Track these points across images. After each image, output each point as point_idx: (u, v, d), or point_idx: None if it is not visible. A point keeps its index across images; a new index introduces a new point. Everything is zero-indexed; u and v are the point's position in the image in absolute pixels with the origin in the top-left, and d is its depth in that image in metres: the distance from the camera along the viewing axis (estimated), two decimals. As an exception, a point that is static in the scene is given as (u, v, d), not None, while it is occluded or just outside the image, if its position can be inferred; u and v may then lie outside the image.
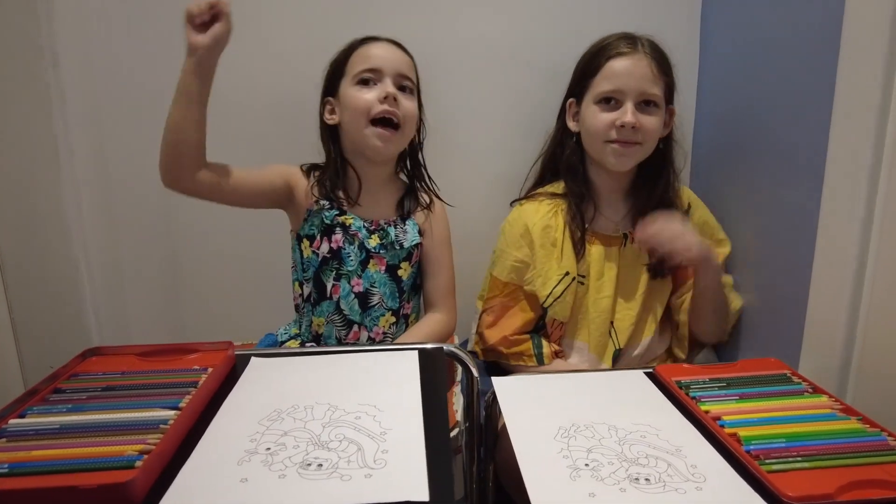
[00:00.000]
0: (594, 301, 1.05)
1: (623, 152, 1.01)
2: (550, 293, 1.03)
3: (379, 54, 0.98)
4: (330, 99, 1.02)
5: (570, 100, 1.07)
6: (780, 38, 0.96)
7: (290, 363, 0.81)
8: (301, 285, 1.04)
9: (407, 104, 0.98)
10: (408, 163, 1.09)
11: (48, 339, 0.96)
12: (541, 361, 1.01)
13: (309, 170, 1.04)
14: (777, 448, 0.61)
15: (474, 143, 1.28)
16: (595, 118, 1.01)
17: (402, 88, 0.98)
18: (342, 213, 1.00)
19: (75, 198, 0.93)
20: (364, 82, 0.97)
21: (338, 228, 1.00)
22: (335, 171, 1.02)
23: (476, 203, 1.28)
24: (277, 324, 1.10)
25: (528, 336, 1.05)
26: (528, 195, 1.12)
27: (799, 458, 0.59)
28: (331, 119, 1.01)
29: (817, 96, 0.84)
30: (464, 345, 1.21)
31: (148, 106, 1.20)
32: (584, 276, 1.05)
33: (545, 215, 1.05)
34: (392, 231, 1.01)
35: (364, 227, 1.00)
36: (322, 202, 1.00)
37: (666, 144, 1.07)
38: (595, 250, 1.05)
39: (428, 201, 1.07)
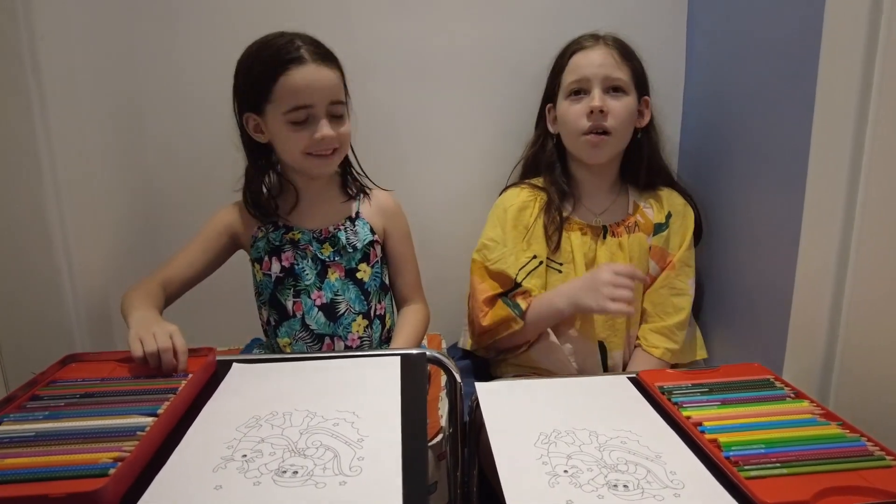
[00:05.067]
0: None
1: (596, 143, 1.04)
2: (521, 270, 1.05)
3: (309, 87, 0.89)
4: (253, 115, 0.94)
5: (549, 104, 1.11)
6: (763, 40, 0.97)
7: (271, 369, 0.81)
8: (262, 309, 1.03)
9: (342, 130, 0.93)
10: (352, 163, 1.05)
11: (31, 346, 0.95)
12: (520, 313, 1.02)
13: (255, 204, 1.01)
14: (756, 454, 0.61)
15: (457, 147, 1.28)
16: (567, 112, 1.05)
17: (334, 115, 0.92)
18: (288, 230, 0.99)
19: (57, 203, 0.93)
20: (296, 121, 0.91)
21: (287, 246, 0.98)
22: (269, 184, 1.01)
23: (458, 206, 1.29)
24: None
25: (500, 302, 1.05)
26: (512, 184, 1.15)
27: (777, 465, 0.59)
28: (258, 137, 0.96)
29: (799, 99, 0.84)
30: (451, 349, 1.21)
31: (130, 111, 1.21)
32: (561, 264, 1.06)
33: (525, 199, 1.09)
34: (342, 235, 0.99)
35: (314, 238, 0.99)
36: (265, 227, 0.99)
37: (645, 134, 1.09)
38: (575, 237, 1.07)
39: (368, 190, 1.05)
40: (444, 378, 1.01)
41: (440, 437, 0.90)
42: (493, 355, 1.14)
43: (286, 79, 0.89)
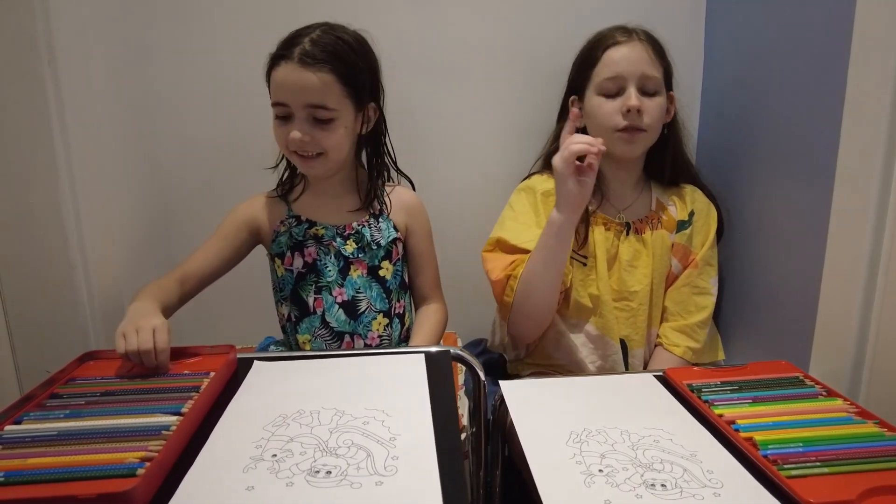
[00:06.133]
0: (605, 283, 1.05)
1: (630, 139, 1.03)
2: None
3: (284, 85, 0.90)
4: None
5: (572, 97, 1.09)
6: (788, 33, 0.95)
7: (293, 367, 0.80)
8: (281, 305, 1.02)
9: (322, 136, 0.91)
10: (374, 160, 1.03)
11: (45, 343, 0.93)
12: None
13: (284, 193, 1.02)
14: (795, 453, 0.60)
15: (473, 143, 1.27)
16: (601, 108, 1.03)
17: (317, 118, 0.91)
18: (312, 225, 0.98)
19: (72, 199, 0.91)
20: (278, 116, 0.92)
21: (310, 241, 0.98)
22: (290, 175, 1.02)
23: (475, 203, 1.28)
24: (277, 328, 1.08)
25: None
26: (536, 171, 1.13)
27: (818, 464, 0.58)
28: None
29: (827, 92, 0.82)
30: (473, 345, 1.20)
31: (145, 105, 1.19)
32: (585, 257, 1.05)
33: (551, 187, 1.04)
34: (367, 232, 0.99)
35: (337, 234, 0.98)
36: (289, 220, 0.98)
37: (670, 129, 1.08)
38: (598, 231, 1.05)
39: (391, 187, 1.04)
40: (461, 377, 1.00)
41: (462, 436, 0.89)
42: (522, 354, 1.12)
43: (275, 73, 0.91)
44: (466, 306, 1.19)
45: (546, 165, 1.15)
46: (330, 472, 0.56)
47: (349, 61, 0.92)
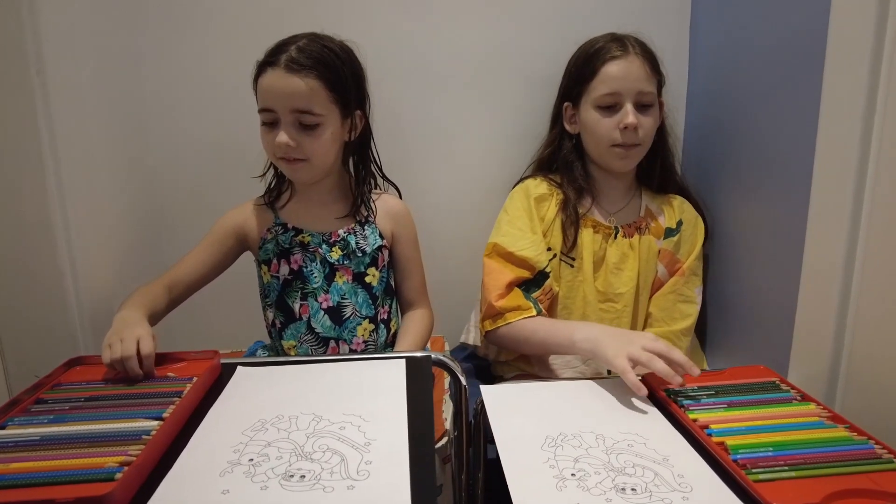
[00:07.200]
0: (590, 285, 1.06)
1: (626, 155, 1.04)
2: (549, 261, 1.04)
3: (270, 90, 0.91)
4: None
5: (566, 104, 1.10)
6: (768, 38, 0.96)
7: (276, 372, 0.81)
8: (267, 311, 1.03)
9: (307, 142, 0.92)
10: (361, 167, 1.04)
11: (34, 347, 0.95)
12: (539, 310, 1.01)
13: (271, 201, 1.03)
14: (764, 457, 0.61)
15: (465, 150, 1.28)
16: (598, 124, 1.04)
17: (304, 124, 0.92)
18: (298, 232, 0.99)
19: (61, 206, 0.93)
20: (265, 122, 0.93)
21: (296, 249, 0.99)
22: (277, 183, 1.03)
23: (463, 209, 1.29)
24: (266, 333, 1.09)
25: (517, 290, 1.03)
26: (529, 176, 1.14)
27: (786, 468, 0.59)
28: None
29: (804, 103, 0.83)
30: (460, 349, 1.21)
31: (134, 113, 1.20)
32: (573, 259, 1.06)
33: (544, 192, 1.08)
34: (352, 239, 1.00)
35: (323, 241, 0.99)
36: (275, 228, 1.00)
37: (658, 135, 1.09)
38: (587, 233, 1.07)
39: (377, 194, 1.05)
40: (447, 381, 1.01)
41: (445, 440, 0.90)
42: (492, 356, 1.13)
43: (261, 79, 0.92)
44: (455, 311, 1.20)
45: (539, 170, 1.16)
46: (304, 477, 0.57)
47: (335, 68, 0.93)
